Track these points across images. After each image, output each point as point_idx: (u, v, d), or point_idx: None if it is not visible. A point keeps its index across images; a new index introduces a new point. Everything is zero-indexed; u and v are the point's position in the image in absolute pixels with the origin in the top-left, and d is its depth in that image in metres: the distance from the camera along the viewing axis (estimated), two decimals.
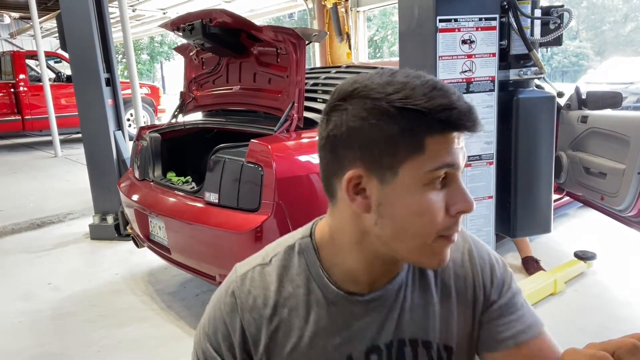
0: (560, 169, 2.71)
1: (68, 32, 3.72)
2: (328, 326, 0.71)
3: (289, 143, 2.19)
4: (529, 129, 1.99)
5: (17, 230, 4.17)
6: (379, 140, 0.60)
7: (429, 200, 0.61)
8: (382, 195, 0.63)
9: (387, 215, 0.63)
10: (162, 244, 2.48)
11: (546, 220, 2.14)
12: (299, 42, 2.24)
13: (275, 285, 0.71)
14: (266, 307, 0.71)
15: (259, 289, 0.72)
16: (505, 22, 1.88)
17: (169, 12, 10.28)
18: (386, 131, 0.60)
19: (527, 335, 0.73)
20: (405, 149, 0.60)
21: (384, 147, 0.60)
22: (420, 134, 0.59)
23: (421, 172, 0.60)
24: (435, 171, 0.60)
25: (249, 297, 0.71)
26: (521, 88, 2.00)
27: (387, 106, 0.59)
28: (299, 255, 0.73)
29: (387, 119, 0.59)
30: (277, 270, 0.72)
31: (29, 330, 2.53)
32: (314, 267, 0.72)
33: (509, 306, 0.75)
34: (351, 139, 0.62)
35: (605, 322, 2.36)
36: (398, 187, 0.61)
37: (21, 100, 8.35)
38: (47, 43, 13.75)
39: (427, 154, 0.60)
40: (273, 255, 0.74)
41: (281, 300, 0.71)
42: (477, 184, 1.96)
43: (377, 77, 0.62)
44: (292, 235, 0.77)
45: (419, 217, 0.62)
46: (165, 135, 2.89)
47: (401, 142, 0.60)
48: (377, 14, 21.95)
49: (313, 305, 0.71)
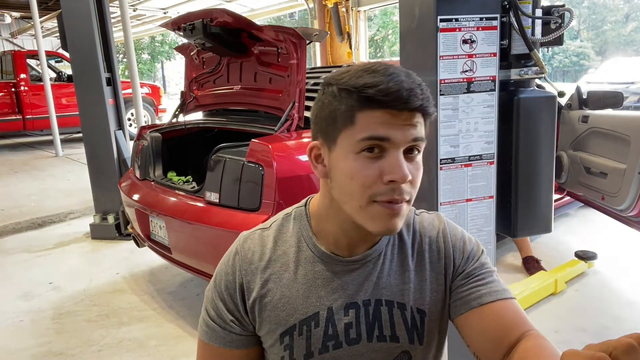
0: (561, 168, 2.71)
1: (69, 31, 3.72)
2: (313, 280, 0.82)
3: (289, 143, 2.19)
4: (530, 128, 1.99)
5: (18, 229, 4.17)
6: (327, 115, 0.74)
7: (358, 165, 0.71)
8: (330, 161, 0.76)
9: (334, 179, 0.76)
10: (162, 244, 2.49)
11: (547, 220, 2.14)
12: (299, 41, 2.24)
13: (271, 244, 0.84)
14: (261, 261, 0.83)
15: (257, 246, 0.84)
16: (506, 22, 1.87)
17: (170, 12, 10.28)
18: (331, 108, 0.73)
19: (491, 298, 0.79)
20: (341, 122, 0.72)
21: (330, 121, 0.74)
22: (353, 110, 0.71)
23: (352, 142, 0.71)
24: (362, 141, 0.70)
25: (247, 252, 0.84)
26: (522, 88, 2.00)
27: (335, 88, 0.73)
28: (293, 221, 0.86)
29: (332, 98, 0.73)
30: (274, 233, 0.86)
31: (30, 330, 2.53)
32: (304, 230, 0.84)
33: (475, 274, 0.83)
34: (314, 116, 0.78)
35: (606, 322, 2.36)
36: (337, 154, 0.74)
37: (22, 100, 8.35)
38: (48, 42, 13.76)
39: (357, 127, 0.70)
40: (273, 221, 0.88)
41: (274, 256, 0.83)
42: (478, 183, 1.96)
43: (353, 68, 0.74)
44: (290, 207, 0.90)
45: (350, 179, 0.72)
46: (166, 134, 2.89)
47: (339, 116, 0.72)
48: (377, 13, 21.95)
49: (302, 262, 0.83)
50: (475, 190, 1.96)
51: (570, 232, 3.53)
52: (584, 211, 3.70)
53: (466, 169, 1.93)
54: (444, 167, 1.90)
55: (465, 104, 1.87)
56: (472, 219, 2.00)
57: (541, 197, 2.10)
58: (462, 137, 1.89)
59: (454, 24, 1.78)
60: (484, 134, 1.92)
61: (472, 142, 1.91)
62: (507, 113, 1.98)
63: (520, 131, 1.99)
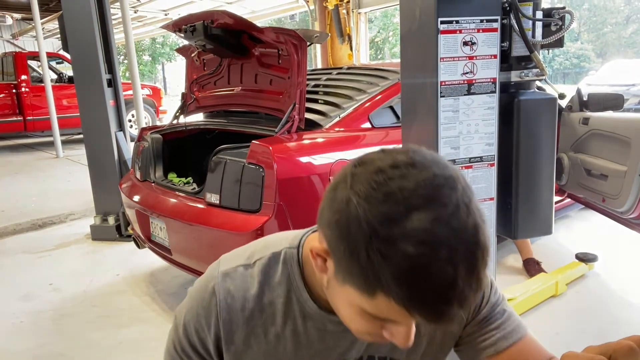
0: (562, 170, 2.70)
1: (70, 33, 3.73)
2: (302, 337, 0.74)
3: (290, 144, 2.19)
4: (530, 130, 1.99)
5: (18, 230, 4.17)
6: (343, 250, 0.55)
7: (360, 320, 0.60)
8: (331, 280, 0.61)
9: (330, 295, 0.65)
10: (163, 245, 2.49)
11: (547, 222, 2.14)
12: (300, 43, 2.25)
13: (255, 290, 0.73)
14: (244, 310, 0.72)
15: (239, 290, 0.72)
16: (506, 24, 1.88)
17: (171, 14, 10.30)
18: (354, 255, 0.53)
19: (508, 342, 0.75)
20: (357, 280, 0.55)
21: (344, 262, 0.56)
22: (376, 289, 0.53)
23: (362, 303, 0.57)
24: (375, 314, 0.57)
25: (227, 297, 0.72)
26: (522, 90, 2.00)
27: (366, 241, 0.52)
28: (282, 265, 0.73)
29: (358, 248, 0.53)
30: (259, 276, 0.73)
31: (30, 331, 2.53)
32: (296, 280, 0.73)
33: (487, 319, 0.77)
34: (329, 219, 0.57)
35: (607, 324, 2.36)
36: (342, 293, 0.60)
37: (23, 101, 8.36)
38: (49, 44, 13.76)
39: (373, 304, 0.55)
40: (258, 258, 0.75)
41: (259, 307, 0.73)
42: (478, 185, 1.96)
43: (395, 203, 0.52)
44: (281, 239, 0.77)
45: (347, 317, 0.63)
46: (166, 136, 2.90)
47: (358, 276, 0.54)
48: (378, 15, 21.97)
49: (290, 316, 0.73)
50: (476, 192, 1.96)
51: (570, 234, 3.53)
52: (584, 213, 3.70)
53: (467, 170, 1.93)
54: None
55: (466, 105, 1.87)
56: None
57: (542, 199, 2.10)
58: (462, 138, 1.89)
59: (455, 26, 1.78)
60: (484, 135, 1.92)
61: (472, 144, 1.91)
62: (507, 115, 1.98)
63: (521, 133, 1.99)
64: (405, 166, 0.54)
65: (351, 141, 2.37)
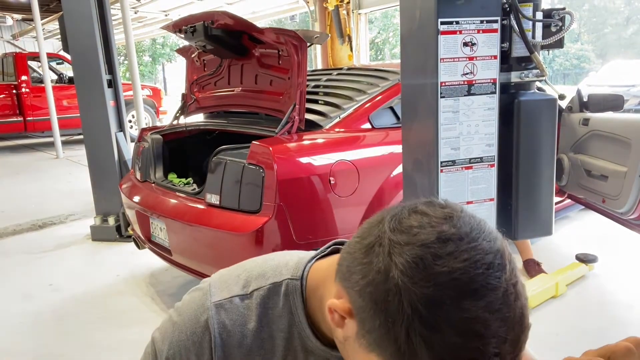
0: (562, 171, 2.71)
1: (70, 33, 3.73)
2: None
3: (290, 145, 2.20)
4: (531, 131, 1.99)
5: (18, 231, 4.17)
6: (377, 328, 0.50)
7: None
8: (351, 339, 0.55)
9: (346, 351, 0.58)
10: (163, 246, 2.49)
11: (547, 223, 2.14)
12: (300, 44, 2.25)
13: (254, 325, 0.67)
14: (242, 347, 0.66)
15: (236, 324, 0.66)
16: (506, 25, 1.88)
17: (171, 14, 10.31)
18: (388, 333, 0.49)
19: None
20: (389, 356, 0.50)
21: (376, 334, 0.51)
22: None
23: None
24: None
25: (223, 332, 0.66)
26: (522, 90, 2.00)
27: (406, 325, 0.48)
28: (284, 298, 0.68)
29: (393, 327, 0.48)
30: (258, 309, 0.67)
31: (30, 332, 2.53)
32: (298, 315, 0.67)
33: None
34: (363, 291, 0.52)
35: (607, 325, 2.36)
36: (363, 355, 0.54)
37: (23, 102, 8.37)
38: (50, 44, 13.78)
39: None
40: (255, 288, 0.68)
41: (258, 342, 0.67)
42: (478, 186, 1.96)
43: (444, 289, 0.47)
44: (281, 266, 0.70)
45: None
46: (166, 136, 2.90)
47: (391, 351, 0.49)
48: (378, 16, 21.98)
49: (291, 351, 0.68)
50: (476, 193, 1.96)
51: (570, 234, 3.53)
52: (584, 214, 3.70)
53: (467, 171, 1.93)
54: (445, 170, 1.90)
55: (466, 106, 1.87)
56: None
57: (542, 200, 2.10)
58: (462, 139, 1.89)
59: (455, 27, 1.78)
60: (484, 136, 1.92)
61: (472, 145, 1.91)
62: (507, 115, 1.98)
63: (521, 134, 1.99)
64: (453, 241, 0.49)
65: (351, 142, 2.37)
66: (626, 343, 0.55)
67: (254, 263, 0.73)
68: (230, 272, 0.72)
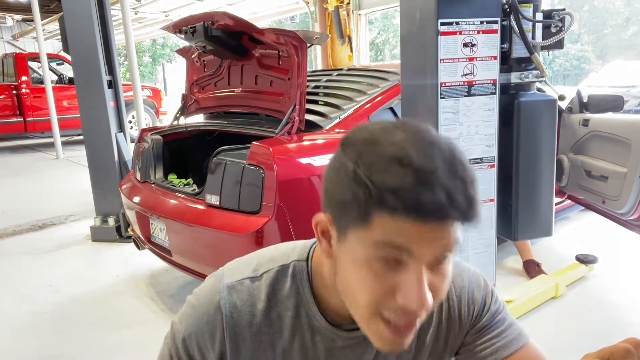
0: (562, 172, 2.71)
1: (70, 34, 3.73)
2: (310, 353, 0.72)
3: (290, 145, 2.20)
4: (531, 132, 1.99)
5: (18, 232, 4.17)
6: (339, 199, 0.58)
7: (369, 275, 0.57)
8: (337, 251, 0.62)
9: (339, 274, 0.63)
10: (163, 246, 2.48)
11: (547, 224, 2.14)
12: (300, 44, 2.25)
13: (263, 305, 0.71)
14: (252, 326, 0.70)
15: (246, 304, 0.70)
16: (506, 25, 1.88)
17: (171, 15, 10.32)
18: (344, 190, 0.56)
19: (508, 351, 0.74)
20: (354, 216, 0.56)
21: (341, 207, 0.58)
22: (369, 207, 0.54)
23: (364, 244, 0.57)
24: (376, 247, 0.56)
25: (233, 312, 0.70)
26: (522, 91, 2.00)
27: (350, 167, 0.56)
28: (291, 279, 0.72)
29: (347, 180, 0.56)
30: (267, 289, 0.71)
31: (30, 332, 2.52)
32: (304, 294, 0.71)
33: (487, 327, 0.76)
34: (325, 182, 0.61)
35: (607, 326, 2.35)
36: (347, 251, 0.59)
37: (23, 102, 8.37)
38: (50, 45, 13.78)
39: (370, 229, 0.55)
40: (265, 271, 0.73)
41: (267, 321, 0.71)
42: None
43: (382, 143, 0.56)
44: (289, 251, 0.75)
45: (355, 285, 0.59)
46: (166, 137, 2.90)
47: (351, 208, 0.56)
48: (378, 16, 21.99)
49: (298, 330, 0.71)
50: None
51: (570, 235, 3.53)
52: (584, 215, 3.70)
53: None
54: None
55: (466, 107, 1.87)
56: None
57: (542, 201, 2.10)
58: (462, 140, 1.89)
59: (455, 28, 1.78)
60: (484, 137, 1.92)
61: (472, 145, 1.91)
62: (507, 116, 1.98)
63: (521, 134, 1.99)
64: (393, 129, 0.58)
65: None
66: (625, 344, 0.56)
67: (265, 251, 0.78)
68: (243, 259, 0.77)
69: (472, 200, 0.54)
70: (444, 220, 0.53)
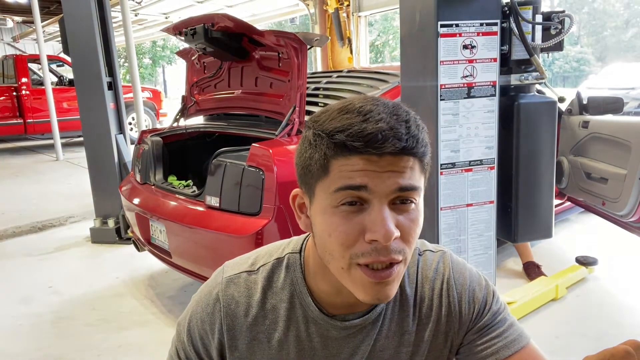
0: (562, 174, 2.71)
1: (70, 36, 3.73)
2: (305, 344, 0.74)
3: (290, 147, 2.19)
4: (530, 134, 1.99)
5: (18, 233, 4.17)
6: (303, 163, 0.64)
7: (336, 220, 0.61)
8: (312, 217, 0.66)
9: (315, 234, 0.67)
10: (162, 248, 2.48)
11: (547, 225, 2.14)
12: (300, 46, 2.25)
13: (258, 296, 0.74)
14: (247, 316, 0.73)
15: (243, 296, 0.74)
16: (506, 27, 1.88)
17: (171, 17, 10.32)
18: (307, 155, 0.64)
19: (509, 351, 0.74)
20: (316, 171, 0.62)
21: (306, 170, 0.64)
22: (326, 157, 0.61)
23: (328, 193, 0.61)
24: (338, 192, 0.60)
25: (231, 303, 0.73)
26: (522, 93, 2.01)
27: (310, 133, 0.63)
28: (286, 270, 0.75)
29: (308, 145, 0.64)
30: (263, 282, 0.74)
31: (29, 334, 2.52)
32: (298, 285, 0.74)
33: (488, 327, 0.76)
34: (295, 159, 0.68)
35: (607, 328, 2.35)
36: (316, 207, 0.64)
37: (23, 104, 8.37)
38: (50, 47, 13.80)
39: (331, 176, 0.61)
40: (261, 265, 0.76)
41: (262, 312, 0.74)
42: (478, 188, 1.96)
43: (331, 107, 0.64)
44: (284, 245, 0.79)
45: (328, 236, 0.62)
46: (166, 139, 2.90)
47: (314, 165, 0.62)
48: (378, 19, 22.03)
49: (293, 321, 0.74)
50: (476, 195, 1.96)
51: (570, 237, 3.53)
52: (584, 216, 3.70)
53: (467, 173, 1.93)
54: (445, 172, 1.90)
55: (466, 109, 1.87)
56: (473, 224, 2.00)
57: (542, 203, 2.10)
58: (462, 142, 1.89)
59: (455, 30, 1.78)
60: (484, 139, 1.92)
61: (472, 147, 1.91)
62: (507, 118, 1.98)
63: (521, 136, 1.99)
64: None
65: None
66: (625, 346, 0.56)
67: (264, 247, 0.82)
68: (243, 255, 0.81)
69: (415, 135, 0.60)
70: (392, 153, 0.58)
